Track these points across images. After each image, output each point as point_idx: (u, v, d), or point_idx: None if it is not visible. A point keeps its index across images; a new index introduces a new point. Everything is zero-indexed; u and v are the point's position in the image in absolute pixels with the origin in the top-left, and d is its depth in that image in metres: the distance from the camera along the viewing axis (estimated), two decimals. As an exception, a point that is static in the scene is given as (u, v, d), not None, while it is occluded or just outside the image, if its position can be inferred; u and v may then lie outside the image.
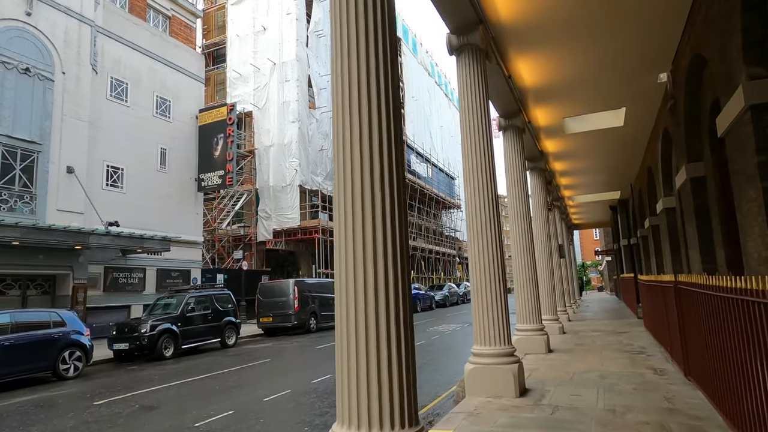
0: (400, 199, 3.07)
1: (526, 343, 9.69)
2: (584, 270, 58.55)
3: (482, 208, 6.38)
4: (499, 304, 6.30)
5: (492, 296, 6.27)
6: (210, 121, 19.99)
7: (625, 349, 9.71)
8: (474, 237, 6.38)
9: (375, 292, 2.91)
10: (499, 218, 6.53)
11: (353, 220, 2.98)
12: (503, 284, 6.43)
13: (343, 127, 3.07)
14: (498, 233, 6.44)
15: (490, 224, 6.37)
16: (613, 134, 13.10)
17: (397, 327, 2.95)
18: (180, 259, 18.74)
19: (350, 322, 2.93)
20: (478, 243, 6.34)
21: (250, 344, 14.71)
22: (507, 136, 10.58)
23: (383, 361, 2.90)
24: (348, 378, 2.91)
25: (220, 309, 13.97)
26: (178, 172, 19.14)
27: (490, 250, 6.30)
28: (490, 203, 6.44)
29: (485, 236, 6.32)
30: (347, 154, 3.03)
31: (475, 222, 6.38)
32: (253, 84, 26.16)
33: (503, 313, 6.33)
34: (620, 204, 23.77)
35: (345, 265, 2.97)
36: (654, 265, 16.04)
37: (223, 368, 10.26)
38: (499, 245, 6.41)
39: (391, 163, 3.02)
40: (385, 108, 3.07)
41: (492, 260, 6.29)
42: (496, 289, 6.30)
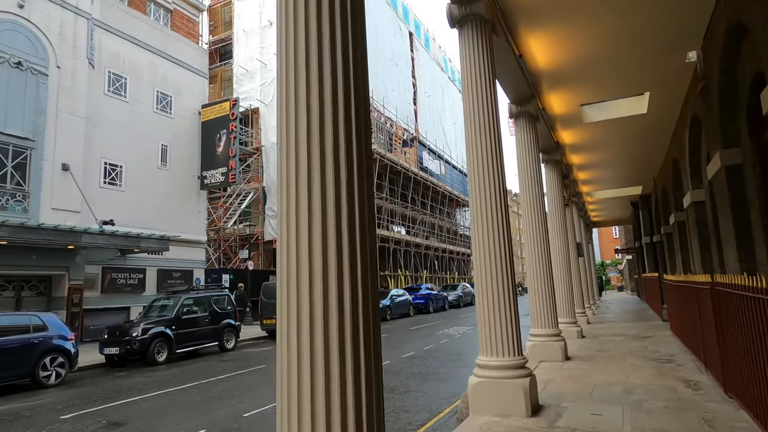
0: (358, 175, 2.34)
1: (541, 349, 8.84)
2: (603, 269, 57.01)
3: (488, 201, 5.70)
4: (507, 310, 5.55)
5: (499, 300, 5.51)
6: (213, 117, 19.43)
7: (651, 356, 8.81)
8: (479, 235, 5.70)
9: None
10: (507, 214, 5.83)
11: (297, 204, 2.29)
12: (512, 287, 5.71)
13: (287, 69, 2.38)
14: (506, 231, 5.73)
15: (497, 220, 5.67)
16: (635, 123, 12.18)
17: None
18: (182, 259, 18.22)
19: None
20: (483, 242, 5.65)
21: (250, 347, 14.06)
22: (519, 125, 9.74)
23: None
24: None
25: (219, 311, 13.34)
26: (179, 169, 18.60)
27: (497, 250, 5.59)
28: (497, 196, 5.75)
29: (491, 234, 5.63)
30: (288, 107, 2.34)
31: (479, 217, 5.71)
32: (259, 80, 25.59)
33: (512, 320, 5.58)
34: (642, 200, 22.68)
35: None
36: (679, 263, 15.01)
37: (212, 376, 9.61)
38: (507, 244, 5.69)
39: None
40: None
41: (499, 260, 5.57)
42: (503, 293, 5.54)
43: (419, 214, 34.12)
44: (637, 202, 23.81)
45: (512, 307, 5.55)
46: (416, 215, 33.68)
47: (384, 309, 21.50)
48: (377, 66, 30.74)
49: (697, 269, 11.64)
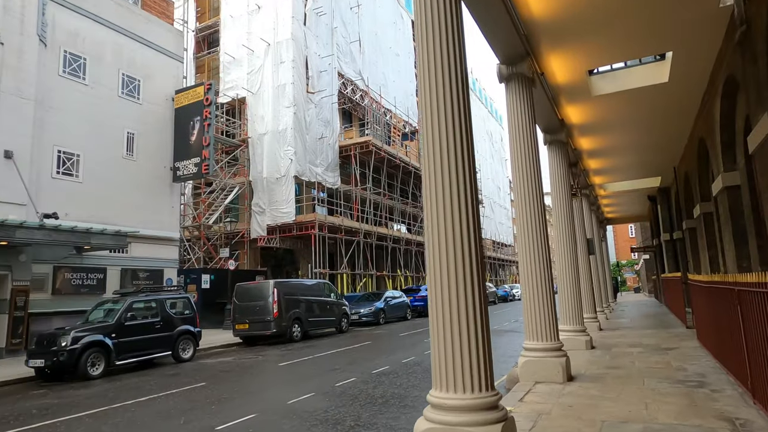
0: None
1: (537, 367, 7.06)
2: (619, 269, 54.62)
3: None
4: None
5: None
6: (187, 103, 17.86)
7: (677, 376, 6.97)
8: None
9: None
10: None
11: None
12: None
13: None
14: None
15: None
16: (654, 96, 10.36)
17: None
18: (151, 257, 16.65)
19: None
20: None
21: (213, 357, 12.42)
22: (510, 89, 7.96)
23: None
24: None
25: (174, 316, 11.71)
26: (149, 160, 17.03)
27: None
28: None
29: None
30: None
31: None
32: (246, 67, 24.02)
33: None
34: (660, 193, 20.72)
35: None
36: (705, 262, 13.08)
37: (153, 392, 7.98)
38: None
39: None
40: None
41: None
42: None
43: (421, 212, 32.23)
44: (654, 196, 21.88)
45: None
46: (418, 212, 31.84)
47: (376, 312, 19.77)
48: (376, 55, 29.08)
49: (730, 267, 9.74)
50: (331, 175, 24.43)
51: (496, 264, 51.19)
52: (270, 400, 7.05)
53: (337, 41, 25.67)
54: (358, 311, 19.51)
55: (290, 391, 7.50)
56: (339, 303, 17.53)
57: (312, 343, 14.51)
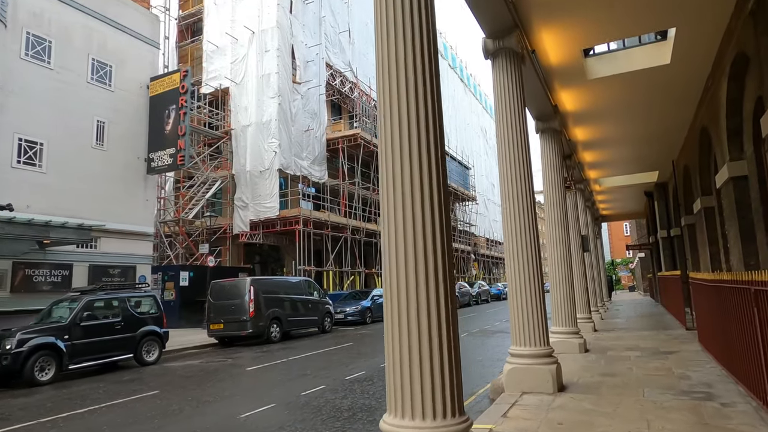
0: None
1: (524, 376, 6.29)
2: (613, 268, 54.08)
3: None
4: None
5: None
6: (162, 91, 16.96)
7: (681, 386, 6.23)
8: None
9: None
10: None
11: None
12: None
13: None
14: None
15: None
16: (655, 80, 9.62)
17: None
18: (123, 253, 15.76)
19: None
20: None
21: (181, 359, 11.59)
22: (497, 66, 7.17)
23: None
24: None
25: (137, 315, 10.85)
26: (121, 150, 16.11)
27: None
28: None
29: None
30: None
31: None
32: (230, 56, 23.12)
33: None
34: (658, 189, 20.03)
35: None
36: (706, 259, 12.35)
37: (82, 406, 7.13)
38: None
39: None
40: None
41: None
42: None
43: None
44: (651, 191, 21.22)
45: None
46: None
47: (363, 311, 18.96)
48: (366, 46, 28.19)
49: (735, 265, 9.01)
50: (317, 168, 23.57)
51: (489, 262, 50.52)
52: (222, 413, 6.24)
53: (325, 31, 24.81)
54: (344, 310, 18.71)
55: (248, 402, 6.70)
56: (322, 302, 16.72)
57: (290, 344, 13.70)
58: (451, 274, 3.22)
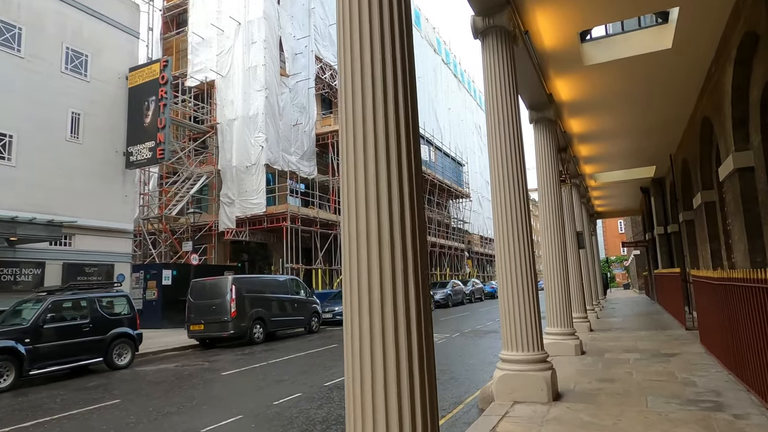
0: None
1: (516, 383, 5.75)
2: (608, 266, 53.77)
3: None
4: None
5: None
6: (141, 82, 16.29)
7: (687, 393, 5.70)
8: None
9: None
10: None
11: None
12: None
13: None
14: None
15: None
16: (654, 66, 9.10)
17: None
18: (100, 251, 15.09)
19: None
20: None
21: (156, 363, 10.96)
22: (488, 45, 6.59)
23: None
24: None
25: (108, 317, 10.22)
26: (98, 143, 15.42)
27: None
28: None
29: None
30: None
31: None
32: (216, 48, 22.42)
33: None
34: (654, 184, 19.58)
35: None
36: (706, 256, 11.85)
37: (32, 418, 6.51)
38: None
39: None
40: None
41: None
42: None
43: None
44: (648, 187, 20.77)
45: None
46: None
47: (352, 311, 18.35)
48: (357, 39, 27.47)
49: (739, 262, 8.50)
50: (306, 164, 22.94)
51: (483, 260, 50.09)
52: (180, 427, 5.64)
53: (314, 23, 24.15)
54: (333, 309, 18.12)
55: (213, 413, 6.11)
56: (309, 301, 16.12)
57: (274, 345, 13.11)
58: (424, 278, 2.65)
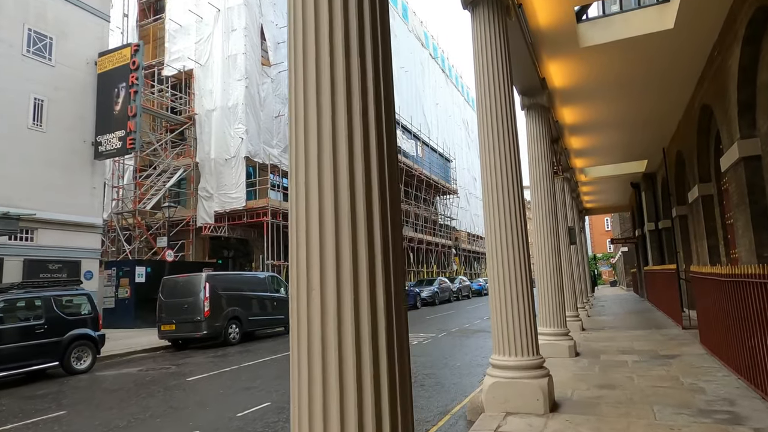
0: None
1: (508, 392, 5.12)
2: (595, 263, 53.73)
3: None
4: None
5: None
6: (110, 68, 15.40)
7: (697, 402, 5.14)
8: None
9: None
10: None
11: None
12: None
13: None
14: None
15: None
16: (654, 49, 8.57)
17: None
18: (65, 246, 14.21)
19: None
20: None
21: (120, 366, 10.17)
22: (478, 17, 5.94)
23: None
24: None
25: (65, 317, 9.41)
26: (64, 132, 14.50)
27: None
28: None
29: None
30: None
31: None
32: (194, 36, 21.52)
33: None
34: (645, 179, 19.18)
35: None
36: (704, 252, 11.38)
37: None
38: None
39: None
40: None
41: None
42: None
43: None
44: (638, 183, 20.38)
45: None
46: (387, 201, 29.76)
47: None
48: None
49: (743, 257, 7.98)
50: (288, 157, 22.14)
51: (470, 257, 49.69)
52: None
53: (298, 11, 23.30)
54: (315, 308, 17.40)
55: (167, 427, 5.42)
56: (289, 299, 15.39)
57: (250, 346, 12.38)
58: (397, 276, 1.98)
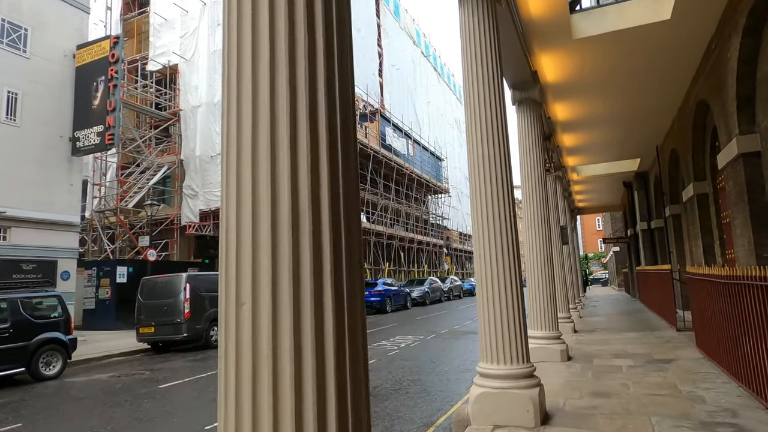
0: None
1: (496, 403, 4.77)
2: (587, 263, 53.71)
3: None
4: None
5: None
6: (89, 60, 14.88)
7: (697, 413, 4.82)
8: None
9: None
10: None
11: None
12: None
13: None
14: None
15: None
16: (650, 42, 8.27)
17: None
18: (40, 245, 13.69)
19: None
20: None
21: (93, 371, 9.70)
22: (466, 2, 5.57)
23: None
24: None
25: (33, 320, 8.94)
26: (39, 126, 13.97)
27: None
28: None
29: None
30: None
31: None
32: (180, 30, 21.01)
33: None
34: (638, 179, 18.98)
35: None
36: (699, 252, 11.12)
37: None
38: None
39: None
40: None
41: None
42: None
43: (382, 200, 29.87)
44: (631, 182, 20.19)
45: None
46: (377, 200, 29.42)
47: (322, 310, 17.25)
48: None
49: (741, 258, 7.69)
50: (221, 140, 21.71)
51: (462, 256, 49.46)
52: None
53: (287, 5, 22.85)
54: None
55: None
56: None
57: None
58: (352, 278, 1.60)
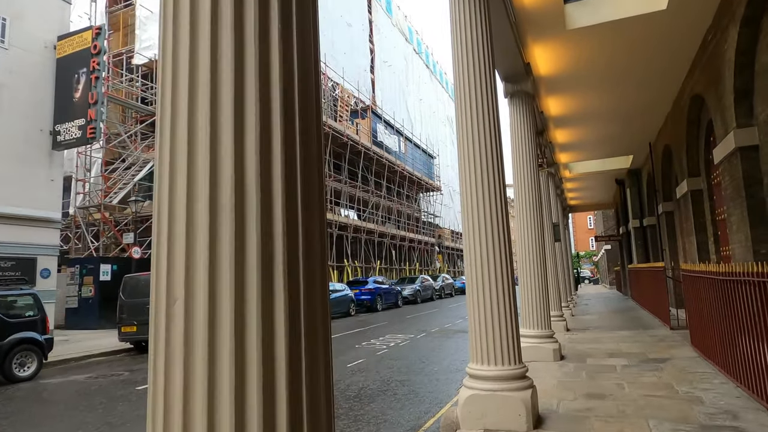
0: None
1: (484, 406, 4.51)
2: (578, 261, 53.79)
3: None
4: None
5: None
6: (70, 52, 14.45)
7: (696, 415, 4.61)
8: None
9: None
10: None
11: None
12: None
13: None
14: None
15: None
16: (646, 33, 8.07)
17: None
18: (18, 242, 13.23)
19: None
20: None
21: (70, 372, 9.35)
22: (455, -14, 5.31)
23: None
24: None
25: (6, 320, 8.55)
26: (18, 120, 13.51)
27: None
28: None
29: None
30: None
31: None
32: (166, 23, 20.53)
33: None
34: (630, 176, 18.86)
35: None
36: (693, 249, 10.97)
37: None
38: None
39: None
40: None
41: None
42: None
43: (373, 197, 29.58)
44: (623, 179, 20.08)
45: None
46: (368, 197, 29.13)
47: (312, 308, 16.96)
48: (324, 21, 26.03)
49: (738, 254, 7.52)
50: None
51: (454, 254, 49.33)
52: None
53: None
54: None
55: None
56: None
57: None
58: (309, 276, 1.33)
